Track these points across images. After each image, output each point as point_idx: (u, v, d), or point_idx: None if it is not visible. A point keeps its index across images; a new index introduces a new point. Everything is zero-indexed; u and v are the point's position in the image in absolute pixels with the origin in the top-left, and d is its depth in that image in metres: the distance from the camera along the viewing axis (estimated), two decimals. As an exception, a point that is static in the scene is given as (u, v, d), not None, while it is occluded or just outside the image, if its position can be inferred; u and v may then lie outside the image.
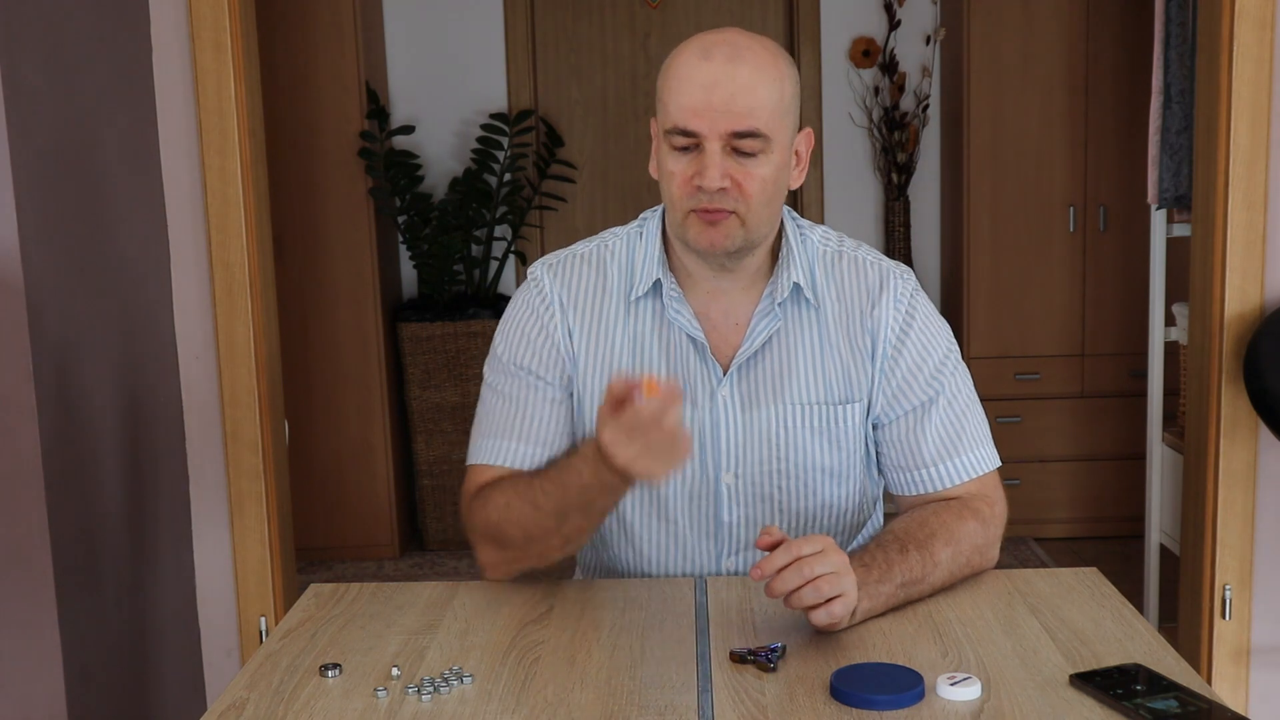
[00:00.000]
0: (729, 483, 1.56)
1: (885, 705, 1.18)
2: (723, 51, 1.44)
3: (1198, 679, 1.24)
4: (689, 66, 1.45)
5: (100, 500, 2.26)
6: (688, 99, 1.43)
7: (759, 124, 1.43)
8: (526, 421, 1.57)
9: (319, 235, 4.21)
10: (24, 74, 2.02)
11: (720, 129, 1.42)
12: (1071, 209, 4.18)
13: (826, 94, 4.59)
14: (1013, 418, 4.23)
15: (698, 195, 1.45)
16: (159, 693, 2.50)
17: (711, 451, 1.56)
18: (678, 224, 1.50)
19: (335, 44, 4.12)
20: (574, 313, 1.59)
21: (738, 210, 1.46)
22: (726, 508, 1.57)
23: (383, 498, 4.33)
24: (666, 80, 1.47)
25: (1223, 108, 2.55)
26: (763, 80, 1.44)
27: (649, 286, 1.56)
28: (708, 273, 1.55)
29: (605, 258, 1.61)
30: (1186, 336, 3.12)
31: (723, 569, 1.59)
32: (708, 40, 1.46)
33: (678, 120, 1.44)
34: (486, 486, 1.55)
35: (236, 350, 2.63)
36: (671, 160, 1.47)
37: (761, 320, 1.55)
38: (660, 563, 1.61)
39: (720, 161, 1.43)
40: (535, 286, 1.61)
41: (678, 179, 1.47)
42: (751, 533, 1.58)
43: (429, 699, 1.24)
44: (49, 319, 2.08)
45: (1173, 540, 3.27)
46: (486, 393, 1.61)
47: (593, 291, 1.59)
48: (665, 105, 1.47)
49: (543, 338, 1.58)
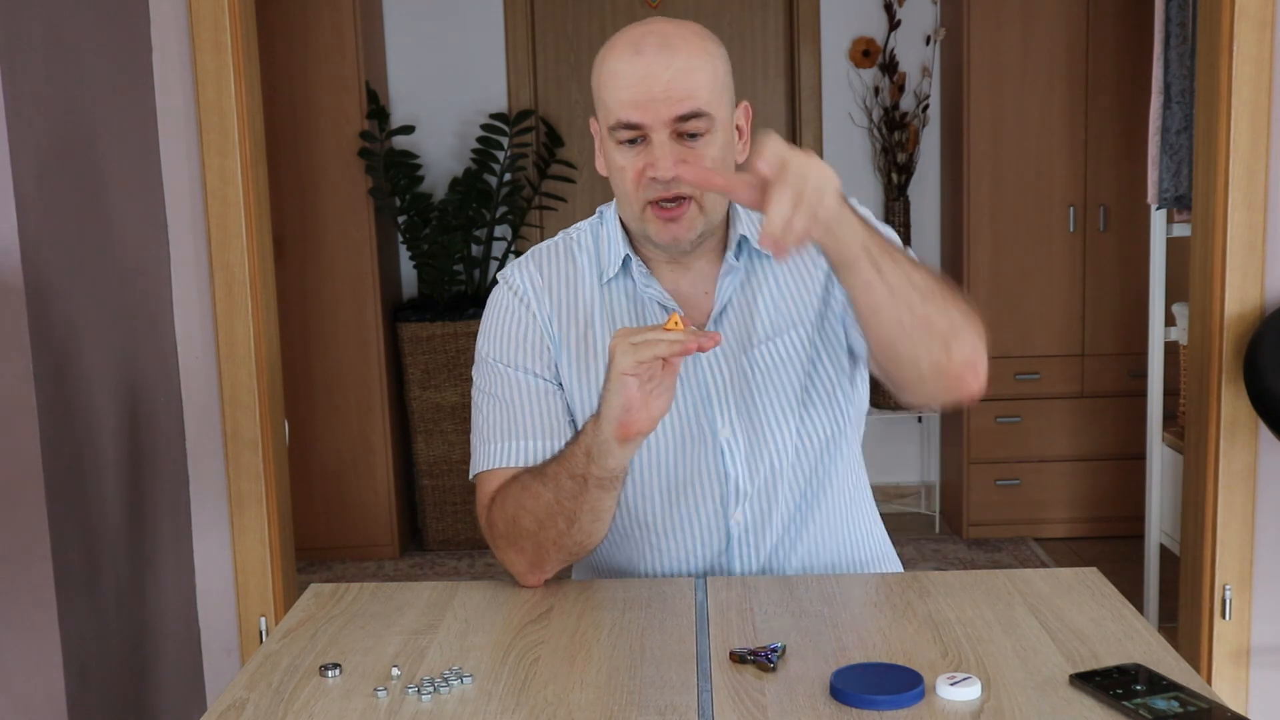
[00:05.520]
0: (727, 436, 1.59)
1: (885, 705, 1.18)
2: (652, 42, 1.48)
3: (1198, 679, 1.24)
4: (622, 62, 1.48)
5: (100, 500, 2.26)
6: (626, 94, 1.47)
7: (700, 104, 1.47)
8: (524, 417, 1.57)
9: (319, 235, 4.21)
10: (24, 74, 2.02)
11: (663, 117, 1.46)
12: (1071, 209, 4.18)
13: (826, 94, 4.59)
14: (1013, 418, 4.23)
15: (652, 186, 1.49)
16: (159, 693, 2.50)
17: (705, 410, 1.58)
18: (636, 218, 1.53)
19: (335, 44, 4.13)
20: (549, 300, 1.62)
21: (694, 195, 1.49)
22: (729, 459, 1.59)
23: (383, 498, 4.33)
24: (601, 78, 1.51)
25: (1223, 108, 2.55)
26: (696, 62, 1.48)
27: (619, 265, 1.60)
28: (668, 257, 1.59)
29: (572, 248, 1.65)
30: (1186, 336, 3.13)
31: (732, 524, 1.60)
32: (634, 34, 1.50)
33: (619, 115, 1.48)
34: (499, 489, 1.55)
35: (236, 350, 2.63)
36: (619, 155, 1.50)
37: (724, 279, 1.60)
38: (675, 537, 1.62)
39: (670, 149, 1.46)
40: (507, 284, 1.64)
41: (629, 173, 1.50)
42: (755, 481, 1.59)
43: (429, 699, 1.24)
44: (49, 319, 2.08)
45: (1173, 540, 3.27)
46: (479, 398, 1.62)
47: (565, 279, 1.63)
48: (604, 103, 1.51)
49: (523, 331, 1.60)
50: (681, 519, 1.61)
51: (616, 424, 1.36)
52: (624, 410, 1.35)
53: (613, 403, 1.35)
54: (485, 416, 1.59)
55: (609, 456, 1.40)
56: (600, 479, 1.43)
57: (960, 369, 1.42)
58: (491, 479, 1.57)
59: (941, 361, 1.41)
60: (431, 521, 4.40)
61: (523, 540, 1.51)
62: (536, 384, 1.58)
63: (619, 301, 1.61)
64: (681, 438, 1.59)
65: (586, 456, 1.42)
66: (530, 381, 1.58)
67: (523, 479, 1.52)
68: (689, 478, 1.60)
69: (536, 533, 1.49)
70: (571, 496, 1.45)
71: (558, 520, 1.47)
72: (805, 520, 1.64)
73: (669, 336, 1.32)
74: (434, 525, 4.40)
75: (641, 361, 1.32)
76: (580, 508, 1.46)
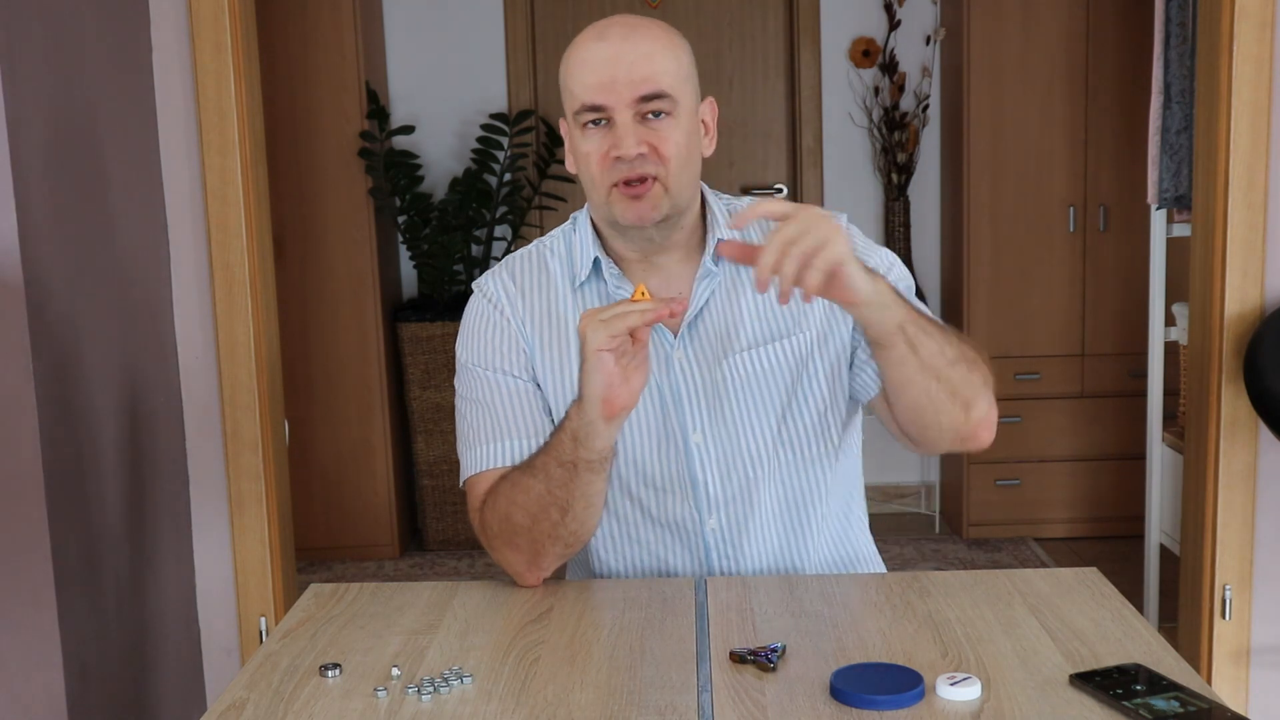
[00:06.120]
0: (698, 441, 1.59)
1: (885, 705, 1.18)
2: (616, 30, 1.52)
3: (1198, 679, 1.24)
4: (587, 50, 1.52)
5: (100, 500, 2.26)
6: (592, 77, 1.50)
7: (663, 86, 1.50)
8: (506, 418, 1.58)
9: (319, 235, 4.21)
10: (24, 73, 2.02)
11: (627, 98, 1.49)
12: (1071, 209, 4.18)
13: (826, 94, 4.59)
14: (1013, 418, 4.23)
15: (617, 166, 1.50)
16: (159, 692, 2.50)
17: (676, 413, 1.59)
18: (602, 203, 1.55)
19: (335, 44, 4.13)
20: (523, 305, 1.63)
21: (659, 175, 1.51)
22: (699, 465, 1.59)
23: (383, 498, 4.33)
24: (568, 68, 1.54)
25: (1223, 108, 2.55)
26: (659, 49, 1.51)
27: (590, 269, 1.61)
28: (639, 254, 1.60)
29: (544, 254, 1.67)
30: (1186, 336, 3.13)
31: (707, 531, 1.61)
32: (600, 25, 1.55)
33: (584, 99, 1.50)
34: (489, 490, 1.55)
35: (236, 350, 2.63)
36: (584, 141, 1.53)
37: (700, 283, 1.60)
38: (655, 542, 1.62)
39: (634, 129, 1.49)
40: (481, 293, 1.66)
41: (594, 157, 1.52)
42: (727, 488, 1.60)
43: (429, 699, 1.24)
44: (49, 319, 2.08)
45: (1173, 540, 3.27)
46: (462, 405, 1.63)
47: (537, 285, 1.64)
48: (570, 90, 1.53)
49: (499, 335, 1.62)
50: (658, 521, 1.62)
51: (600, 402, 1.39)
52: (605, 387, 1.37)
53: (593, 380, 1.38)
54: (469, 422, 1.61)
55: (595, 437, 1.42)
56: (589, 461, 1.45)
57: (975, 428, 1.52)
58: (481, 482, 1.58)
59: (960, 422, 1.50)
60: (431, 521, 4.40)
61: (518, 537, 1.52)
62: (516, 385, 1.60)
63: (592, 304, 1.61)
64: (656, 438, 1.60)
65: (573, 441, 1.44)
66: (509, 383, 1.60)
67: (511, 476, 1.53)
68: (662, 480, 1.60)
69: (531, 527, 1.50)
70: (562, 484, 1.46)
71: (551, 511, 1.48)
72: (790, 537, 1.64)
73: (637, 307, 1.35)
74: (434, 525, 4.40)
75: (614, 335, 1.35)
76: (573, 495, 1.47)
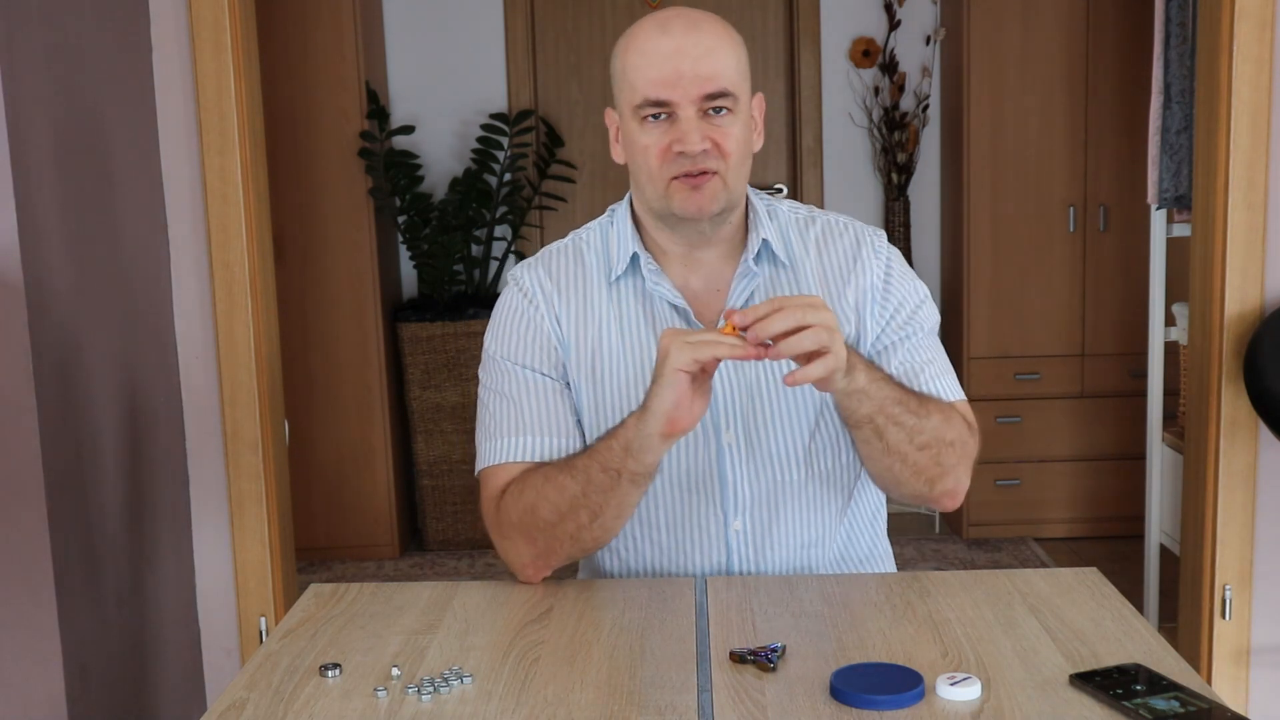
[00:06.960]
0: (730, 440, 1.59)
1: (885, 705, 1.18)
2: (679, 24, 1.51)
3: (1198, 679, 1.24)
4: (650, 42, 1.51)
5: (100, 500, 2.26)
6: (655, 72, 1.49)
7: (727, 84, 1.50)
8: (531, 414, 1.57)
9: (319, 235, 4.21)
10: (24, 73, 2.02)
11: (692, 94, 1.48)
12: (1071, 209, 4.18)
13: (826, 94, 4.59)
14: (1013, 418, 4.23)
15: (679, 161, 1.50)
16: (159, 693, 2.50)
17: (709, 410, 1.58)
18: (659, 196, 1.54)
19: (335, 44, 4.12)
20: (559, 300, 1.62)
21: (719, 170, 1.51)
22: (730, 465, 1.59)
23: (383, 498, 4.33)
24: (628, 59, 1.53)
25: (1223, 108, 2.55)
26: (722, 44, 1.51)
27: (627, 263, 1.60)
28: (683, 249, 1.60)
29: (581, 248, 1.67)
30: (1186, 336, 3.13)
31: (731, 534, 1.60)
32: (660, 16, 1.53)
33: (648, 93, 1.49)
34: (514, 481, 1.55)
35: (236, 350, 2.63)
36: (644, 135, 1.52)
37: (740, 281, 1.60)
38: (674, 540, 1.62)
39: (697, 125, 1.49)
40: (516, 285, 1.65)
41: (654, 150, 1.51)
42: (756, 489, 1.60)
43: (429, 699, 1.24)
44: (49, 319, 2.08)
45: (1173, 540, 3.27)
46: (486, 395, 1.62)
47: (573, 279, 1.64)
48: (631, 83, 1.52)
49: (532, 331, 1.61)
50: (681, 519, 1.61)
51: (665, 419, 1.38)
52: (675, 406, 1.37)
53: (665, 397, 1.37)
54: (492, 413, 1.60)
55: (648, 452, 1.42)
56: (635, 474, 1.45)
57: (938, 498, 1.56)
58: (498, 474, 1.57)
59: (922, 493, 1.55)
60: (431, 521, 4.40)
61: (537, 531, 1.51)
62: (544, 382, 1.59)
63: (627, 300, 1.61)
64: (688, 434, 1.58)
65: (625, 451, 1.43)
66: (538, 380, 1.59)
67: (545, 470, 1.52)
68: (690, 476, 1.60)
69: (555, 524, 1.50)
70: (601, 490, 1.46)
71: (580, 513, 1.48)
72: (814, 542, 1.63)
73: (728, 341, 1.34)
74: (434, 525, 4.40)
75: (699, 360, 1.35)
76: (608, 502, 1.47)
